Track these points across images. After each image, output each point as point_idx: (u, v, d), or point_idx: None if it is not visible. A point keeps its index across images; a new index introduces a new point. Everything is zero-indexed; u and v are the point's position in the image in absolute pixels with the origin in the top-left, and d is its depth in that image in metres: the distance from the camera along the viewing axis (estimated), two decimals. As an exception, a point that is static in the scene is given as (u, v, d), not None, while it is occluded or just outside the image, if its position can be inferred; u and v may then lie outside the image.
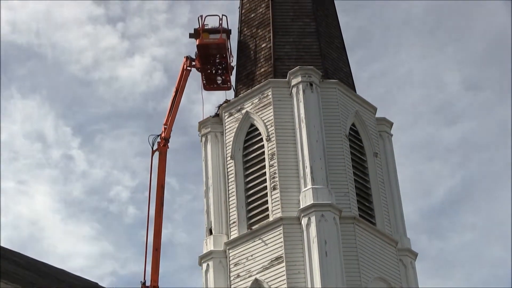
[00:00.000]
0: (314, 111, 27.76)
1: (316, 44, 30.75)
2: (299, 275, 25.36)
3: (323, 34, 31.64)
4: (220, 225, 28.10)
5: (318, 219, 25.54)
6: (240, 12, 32.65)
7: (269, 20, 31.05)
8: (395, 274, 27.28)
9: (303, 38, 30.97)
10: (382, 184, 29.24)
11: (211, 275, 27.27)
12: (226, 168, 29.08)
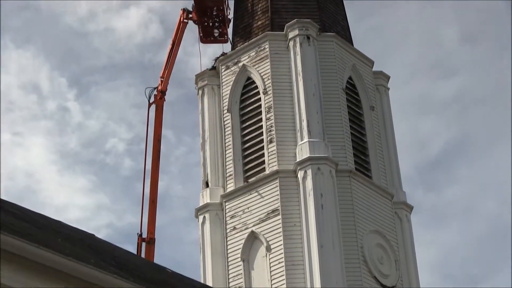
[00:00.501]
0: (311, 65, 27.75)
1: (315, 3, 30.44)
2: (295, 228, 25.64)
3: None
4: (216, 178, 28.18)
5: (314, 172, 25.82)
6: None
7: None
8: (391, 227, 27.53)
9: None
10: (379, 137, 29.22)
11: (208, 227, 27.41)
12: (222, 121, 29.15)
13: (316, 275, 24.53)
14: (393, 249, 27.20)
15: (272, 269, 25.61)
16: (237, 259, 26.50)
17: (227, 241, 27.16)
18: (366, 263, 25.86)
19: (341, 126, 28.09)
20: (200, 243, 27.89)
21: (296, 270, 25.17)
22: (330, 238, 24.90)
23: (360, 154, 28.50)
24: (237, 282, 26.08)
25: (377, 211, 27.49)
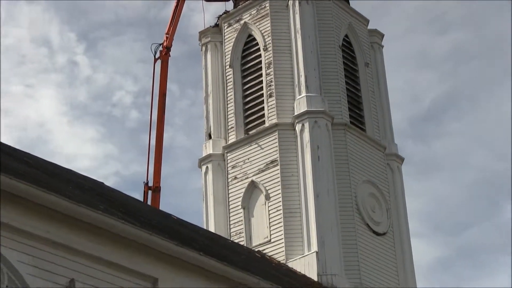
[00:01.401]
0: (309, 23, 28.08)
1: None
2: (292, 178, 26.17)
3: None
4: (218, 130, 28.68)
5: (311, 125, 26.22)
6: None
7: None
8: (383, 177, 28.11)
9: None
10: (373, 93, 29.74)
11: (210, 176, 27.98)
12: (225, 76, 29.50)
13: (312, 223, 25.04)
14: (385, 198, 27.71)
15: (271, 216, 26.11)
16: (237, 206, 27.07)
17: (229, 190, 27.68)
18: (359, 211, 26.40)
19: (337, 82, 28.49)
20: (203, 191, 28.41)
21: (293, 218, 25.69)
22: (325, 188, 25.42)
23: (355, 108, 28.97)
24: (237, 229, 26.67)
25: (370, 162, 28.07)
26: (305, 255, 24.86)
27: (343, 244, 25.28)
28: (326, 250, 24.65)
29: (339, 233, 25.26)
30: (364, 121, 28.97)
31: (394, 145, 29.63)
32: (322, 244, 24.66)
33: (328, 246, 24.69)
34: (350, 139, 27.46)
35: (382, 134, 29.34)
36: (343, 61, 29.23)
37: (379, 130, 29.34)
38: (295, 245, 25.48)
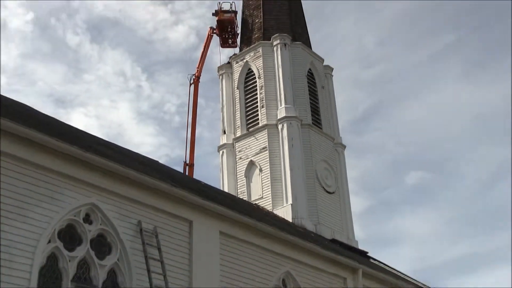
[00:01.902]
0: (286, 60, 28.58)
1: (288, 20, 30.85)
2: (276, 158, 26.78)
3: (293, 12, 31.58)
4: (229, 128, 29.07)
5: (288, 125, 26.90)
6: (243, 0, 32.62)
7: (260, 5, 31.03)
8: (333, 157, 28.63)
9: (281, 16, 30.83)
10: (326, 104, 30.04)
11: (225, 157, 28.48)
12: (233, 94, 29.66)
13: (288, 186, 25.74)
14: (334, 171, 28.09)
15: (263, 182, 26.65)
16: (242, 176, 27.56)
17: (236, 166, 28.04)
18: (318, 179, 26.82)
19: (304, 98, 28.70)
20: (220, 167, 28.62)
21: (277, 183, 26.20)
22: (297, 164, 26.17)
23: (315, 114, 29.17)
24: (242, 190, 27.08)
25: (325, 148, 28.23)
26: (284, 206, 25.35)
27: (308, 199, 25.78)
28: (297, 203, 25.19)
29: (305, 192, 25.85)
30: (321, 122, 29.23)
31: (339, 137, 29.82)
32: (295, 199, 25.30)
33: (298, 201, 25.29)
34: (312, 134, 27.84)
35: (332, 130, 29.53)
36: (308, 84, 29.53)
37: (330, 128, 29.53)
38: (278, 200, 25.86)
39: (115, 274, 13.47)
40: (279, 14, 31.29)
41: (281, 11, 31.44)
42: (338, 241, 24.89)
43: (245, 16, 32.32)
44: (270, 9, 31.44)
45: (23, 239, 11.73)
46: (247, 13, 32.23)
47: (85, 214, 13.23)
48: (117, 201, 13.90)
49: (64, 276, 12.46)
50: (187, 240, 15.27)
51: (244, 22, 32.20)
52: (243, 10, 32.77)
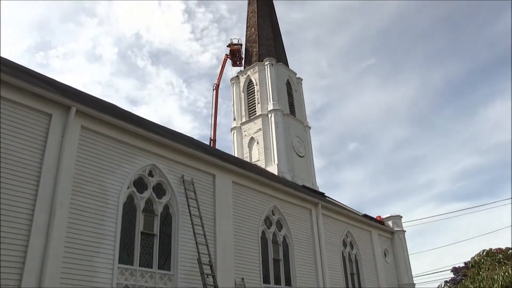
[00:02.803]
0: (273, 75, 28.40)
1: (274, 49, 30.47)
2: (267, 135, 26.59)
3: (277, 44, 31.33)
4: (238, 117, 28.72)
5: (274, 114, 26.88)
6: (246, 36, 32.02)
7: (256, 40, 30.86)
8: (303, 134, 28.31)
9: (269, 47, 30.47)
10: (298, 101, 29.68)
11: (235, 135, 28.19)
12: (240, 95, 29.26)
13: (275, 153, 25.66)
14: (303, 143, 27.84)
15: (259, 151, 26.51)
16: (246, 147, 27.40)
17: (242, 140, 27.78)
18: (293, 148, 26.65)
19: (284, 98, 28.38)
20: (233, 141, 28.23)
21: (268, 151, 26.09)
22: (280, 139, 26.06)
23: (291, 107, 28.62)
24: (246, 155, 26.92)
25: (298, 128, 28.04)
26: (273, 165, 25.34)
27: (287, 161, 25.69)
28: (281, 163, 25.27)
29: (286, 156, 25.76)
30: (295, 112, 28.75)
31: (307, 122, 29.23)
32: (279, 161, 25.36)
33: (281, 162, 25.36)
34: (289, 119, 27.52)
35: (302, 117, 29.11)
36: (286, 89, 29.15)
37: (301, 116, 29.08)
38: (268, 161, 25.86)
39: (168, 208, 13.86)
40: (268, 45, 30.74)
41: (269, 44, 30.90)
42: (306, 187, 25.06)
43: (247, 46, 31.77)
44: (262, 42, 30.93)
45: (113, 186, 12.24)
46: (248, 44, 31.73)
47: (149, 171, 13.61)
48: (168, 163, 14.24)
49: (138, 208, 12.89)
50: (211, 187, 15.58)
51: (246, 51, 31.76)
52: (246, 43, 32.26)
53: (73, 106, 11.46)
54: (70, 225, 10.74)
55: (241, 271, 15.39)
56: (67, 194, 10.83)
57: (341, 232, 22.43)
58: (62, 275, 10.23)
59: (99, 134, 12.22)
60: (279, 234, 18.13)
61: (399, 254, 27.06)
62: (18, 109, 10.58)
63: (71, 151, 11.26)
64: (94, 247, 11.14)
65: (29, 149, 10.50)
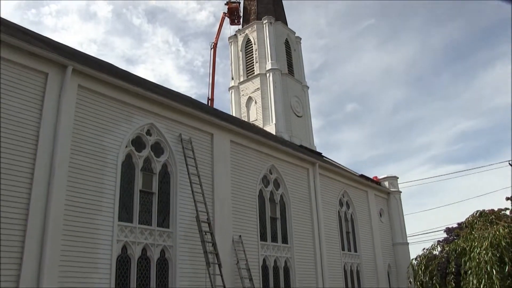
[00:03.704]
0: (271, 33, 27.81)
1: (273, 7, 29.65)
2: (265, 95, 26.35)
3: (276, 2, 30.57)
4: (236, 76, 28.30)
5: (273, 74, 26.48)
6: (244, -5, 31.45)
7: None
8: (301, 94, 27.98)
9: (268, 5, 29.63)
10: (297, 60, 29.21)
11: (233, 94, 27.92)
12: (238, 54, 28.81)
13: (273, 111, 25.51)
14: (301, 103, 27.56)
15: (257, 110, 26.34)
16: (244, 106, 27.17)
17: (240, 100, 27.54)
18: (291, 108, 26.37)
19: (283, 57, 27.94)
20: (230, 100, 27.99)
21: (266, 111, 25.96)
22: (278, 97, 25.85)
23: (290, 67, 28.14)
24: (244, 114, 26.83)
25: (296, 88, 27.76)
26: (270, 125, 25.25)
27: (285, 120, 25.52)
28: (278, 123, 25.12)
29: (283, 116, 25.55)
30: (293, 72, 28.36)
31: (305, 82, 28.97)
32: (277, 120, 25.22)
33: (279, 121, 25.20)
34: (288, 79, 27.13)
35: (300, 77, 28.76)
36: (285, 48, 28.62)
37: (299, 75, 28.77)
38: (266, 121, 25.75)
39: (166, 166, 14.01)
40: (267, 3, 30.03)
41: (268, 2, 30.18)
42: (304, 146, 25.19)
43: (245, 4, 31.15)
44: (261, 0, 30.28)
45: (112, 145, 12.35)
46: (247, 3, 31.11)
47: (147, 130, 13.68)
48: (166, 122, 14.28)
49: (136, 167, 13.03)
50: (209, 146, 15.69)
51: (245, 9, 31.09)
52: (244, 1, 31.63)
53: (70, 65, 11.40)
54: (70, 183, 10.88)
55: (239, 228, 15.69)
56: (66, 153, 10.92)
57: (338, 192, 22.74)
58: (64, 232, 10.45)
59: (96, 93, 12.21)
60: (277, 193, 18.37)
61: (394, 214, 27.53)
62: (14, 68, 10.51)
63: (69, 111, 11.27)
64: (94, 205, 11.33)
65: (27, 109, 10.50)
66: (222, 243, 14.41)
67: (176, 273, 12.90)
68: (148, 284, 12.32)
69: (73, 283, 10.37)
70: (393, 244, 26.79)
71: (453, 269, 6.88)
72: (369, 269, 23.51)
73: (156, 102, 13.86)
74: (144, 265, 12.38)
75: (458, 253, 6.83)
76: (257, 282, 15.65)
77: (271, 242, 17.30)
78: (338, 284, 20.43)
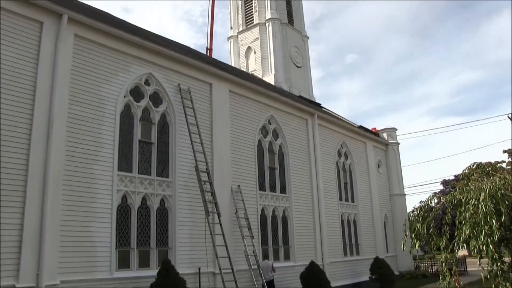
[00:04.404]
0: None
1: None
2: (264, 45, 25.93)
3: None
4: (235, 25, 27.58)
5: (272, 23, 25.95)
6: None
7: None
8: (300, 44, 27.54)
9: None
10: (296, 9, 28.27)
11: (232, 44, 27.39)
12: (237, 4, 28.00)
13: (272, 60, 25.19)
14: (301, 53, 27.12)
15: (256, 60, 26.03)
16: (243, 56, 26.76)
17: (240, 50, 27.04)
18: (291, 58, 26.05)
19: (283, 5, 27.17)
20: (229, 50, 27.59)
21: (265, 61, 25.61)
22: (278, 48, 25.41)
23: (290, 16, 27.25)
24: (243, 65, 26.47)
25: (296, 38, 27.11)
26: (269, 75, 25.06)
27: (284, 71, 25.22)
28: (278, 73, 24.88)
29: (283, 66, 25.23)
30: (293, 22, 27.62)
31: (305, 32, 28.39)
32: (276, 71, 24.96)
33: (278, 72, 24.92)
34: (287, 29, 26.63)
35: (300, 27, 28.21)
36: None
37: (299, 25, 28.12)
38: (265, 71, 25.48)
39: (165, 116, 14.00)
40: None
41: None
42: (303, 97, 25.10)
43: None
44: None
45: (110, 95, 12.32)
46: None
47: (145, 80, 13.60)
48: (165, 71, 14.19)
49: (135, 117, 13.06)
50: (208, 96, 15.63)
51: None
52: None
53: (65, 14, 11.20)
54: (69, 134, 10.92)
55: (237, 178, 15.87)
56: (64, 103, 10.88)
57: (336, 143, 22.87)
58: (64, 182, 10.57)
59: (93, 43, 12.06)
60: (275, 143, 18.48)
61: (392, 165, 27.79)
62: (7, 16, 10.32)
63: (66, 60, 11.14)
64: (93, 155, 11.42)
65: (23, 59, 10.39)
66: (221, 193, 14.61)
67: (176, 222, 13.14)
68: (148, 233, 12.56)
69: (74, 231, 10.59)
70: (390, 195, 27.17)
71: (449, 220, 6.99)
72: (366, 219, 23.94)
73: (154, 51, 13.70)
74: (144, 214, 12.59)
75: (454, 204, 6.92)
76: (255, 231, 15.95)
77: (269, 192, 17.54)
78: (335, 233, 20.85)
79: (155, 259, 12.43)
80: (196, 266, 13.17)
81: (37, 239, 9.67)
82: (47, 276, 9.64)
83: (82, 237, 10.71)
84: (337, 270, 20.06)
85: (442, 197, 7.31)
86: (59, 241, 10.13)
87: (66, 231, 10.36)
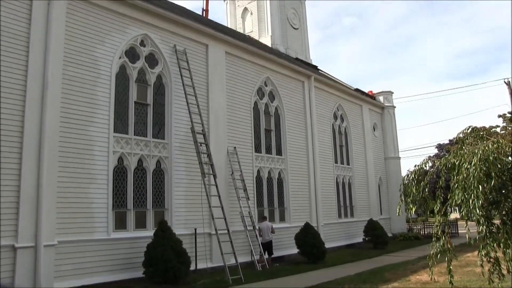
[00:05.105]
0: None
1: None
2: (262, 6, 25.39)
3: None
4: None
5: None
6: None
7: None
8: (298, 6, 26.75)
9: None
10: None
11: (229, 5, 26.77)
12: None
13: (269, 24, 24.70)
14: (298, 15, 26.41)
15: (253, 22, 25.47)
16: (239, 18, 26.24)
17: (236, 11, 26.44)
18: (288, 20, 25.45)
19: None
20: (226, 11, 26.82)
21: (261, 22, 25.04)
22: (275, 9, 24.93)
23: None
24: (239, 27, 25.89)
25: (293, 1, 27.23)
26: (266, 37, 24.59)
27: (281, 32, 24.78)
28: (274, 35, 24.51)
29: (280, 28, 24.83)
30: None
31: None
32: (273, 33, 24.64)
33: (275, 33, 24.57)
34: None
35: None
36: None
37: None
38: (262, 33, 25.00)
39: (161, 78, 13.93)
40: None
41: None
42: (299, 59, 24.84)
43: None
44: None
45: (105, 56, 12.20)
46: None
47: (141, 41, 13.46)
48: (160, 32, 14.02)
49: (131, 78, 13.01)
50: (204, 57, 15.51)
51: None
52: None
53: (58, -29, 10.97)
54: (64, 95, 10.85)
55: (233, 140, 15.93)
56: (58, 64, 10.77)
57: (333, 105, 22.85)
58: (60, 143, 10.58)
59: (87, 2, 11.87)
60: (271, 105, 18.46)
61: (387, 129, 27.86)
62: (0, -27, 10.09)
63: (59, 20, 10.96)
64: (89, 117, 11.40)
65: (15, 18, 10.20)
66: (217, 154, 14.69)
67: (172, 183, 13.26)
68: (145, 194, 12.70)
69: (71, 193, 10.68)
70: (385, 158, 27.33)
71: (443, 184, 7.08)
72: (361, 181, 24.16)
73: (149, 12, 13.51)
74: (141, 175, 12.69)
75: (448, 168, 6.99)
76: (251, 193, 16.12)
77: (265, 154, 17.63)
78: (330, 195, 21.07)
79: (151, 220, 12.59)
80: (192, 227, 13.33)
81: (35, 201, 9.77)
82: (45, 237, 9.79)
83: (79, 198, 10.81)
84: (331, 232, 20.35)
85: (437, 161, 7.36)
86: (56, 203, 10.22)
87: (63, 192, 10.44)
